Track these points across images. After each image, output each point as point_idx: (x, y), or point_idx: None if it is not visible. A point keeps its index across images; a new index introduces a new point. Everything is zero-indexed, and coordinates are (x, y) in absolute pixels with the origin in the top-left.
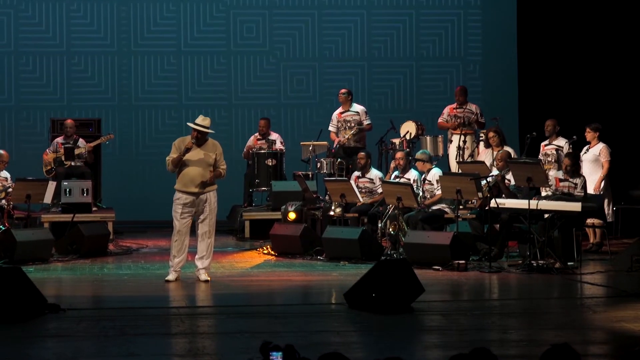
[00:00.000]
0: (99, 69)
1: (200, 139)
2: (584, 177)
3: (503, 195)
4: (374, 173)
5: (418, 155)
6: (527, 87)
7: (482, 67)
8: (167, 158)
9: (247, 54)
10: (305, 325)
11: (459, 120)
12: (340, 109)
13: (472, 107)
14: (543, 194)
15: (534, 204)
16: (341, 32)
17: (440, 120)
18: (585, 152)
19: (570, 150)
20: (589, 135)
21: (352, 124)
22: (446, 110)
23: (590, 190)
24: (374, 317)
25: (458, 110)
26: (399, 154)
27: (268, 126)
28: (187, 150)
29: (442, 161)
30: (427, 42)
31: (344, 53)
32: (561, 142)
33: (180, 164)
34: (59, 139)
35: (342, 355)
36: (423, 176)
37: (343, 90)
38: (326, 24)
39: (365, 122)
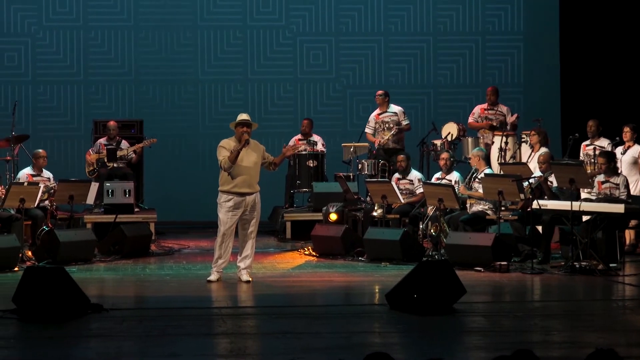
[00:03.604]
0: (144, 70)
1: (249, 134)
2: (624, 176)
3: (545, 197)
4: (414, 174)
5: (476, 151)
6: (570, 87)
7: (524, 68)
8: (220, 159)
9: (264, 29)
10: (347, 326)
11: (490, 122)
12: (377, 110)
13: (504, 108)
14: (583, 196)
15: (576, 205)
16: (387, 27)
17: (470, 119)
18: (623, 153)
19: (606, 150)
20: (627, 135)
21: (390, 125)
22: (477, 110)
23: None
24: (415, 318)
25: (489, 111)
26: (444, 155)
27: (310, 126)
28: (247, 142)
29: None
30: (470, 41)
31: (387, 50)
32: (603, 142)
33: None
34: (102, 140)
35: (388, 356)
36: (474, 174)
37: (380, 92)
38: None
39: (404, 123)
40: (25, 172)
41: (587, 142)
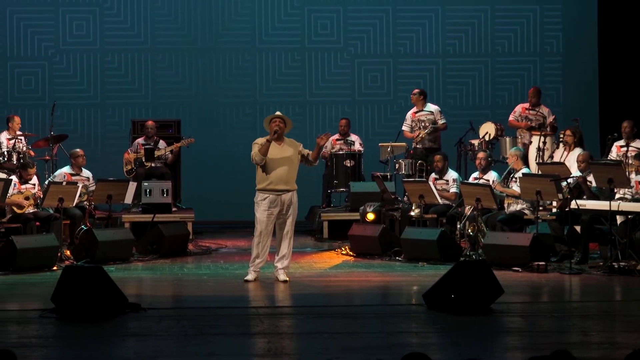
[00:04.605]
0: (182, 66)
1: (281, 128)
2: None
3: (584, 197)
4: (450, 174)
5: (514, 150)
6: (608, 87)
7: (562, 67)
8: (252, 153)
9: (322, 51)
10: (384, 326)
11: (529, 122)
12: (414, 109)
13: (545, 110)
14: (617, 196)
15: (615, 205)
16: (415, 29)
17: (511, 118)
18: None
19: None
20: None
21: (427, 124)
22: (518, 109)
23: None
24: (452, 318)
25: (530, 111)
26: (480, 154)
27: (348, 126)
28: (275, 133)
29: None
30: (502, 38)
31: (419, 50)
32: (639, 144)
33: (263, 164)
34: (140, 140)
35: (426, 356)
36: (512, 174)
37: (415, 91)
38: (400, 20)
39: (440, 122)
40: (63, 171)
41: (621, 142)
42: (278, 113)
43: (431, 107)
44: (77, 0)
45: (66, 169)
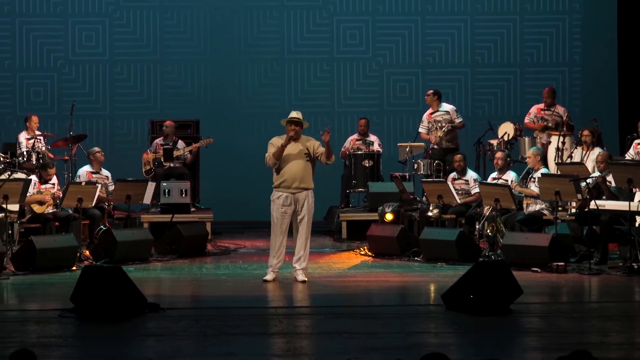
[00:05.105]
0: (194, 75)
1: (297, 133)
2: None
3: (603, 197)
4: (470, 174)
5: (533, 150)
6: (628, 87)
7: (582, 70)
8: (266, 155)
9: (350, 61)
10: (403, 327)
11: (545, 122)
12: (429, 110)
13: (560, 109)
14: (637, 196)
15: (634, 205)
16: (444, 39)
17: (526, 120)
18: None
19: None
20: None
21: (443, 124)
22: (533, 110)
23: None
24: (471, 318)
25: (546, 112)
26: (498, 154)
27: (368, 126)
28: (290, 140)
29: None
30: (531, 48)
31: (447, 60)
32: None
33: (279, 162)
34: (159, 140)
35: (445, 356)
36: (530, 174)
37: (429, 92)
38: (429, 31)
39: (457, 121)
40: (85, 169)
41: None
42: (294, 114)
43: (446, 106)
44: (86, 11)
45: (87, 168)
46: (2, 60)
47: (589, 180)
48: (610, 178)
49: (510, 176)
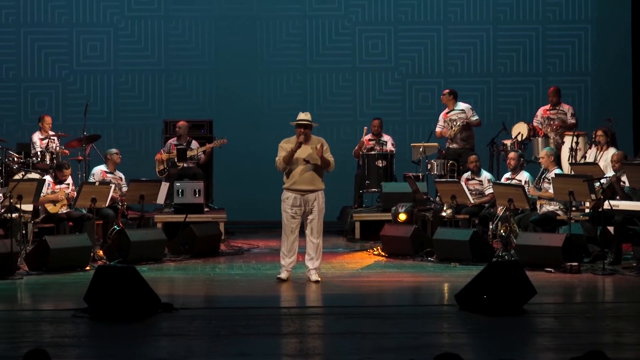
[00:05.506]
0: (199, 84)
1: (307, 135)
2: None
3: (617, 197)
4: (484, 175)
5: (547, 151)
6: None
7: (596, 69)
8: (276, 159)
9: (373, 71)
10: (416, 327)
11: (552, 122)
12: (445, 110)
13: (565, 107)
14: None
15: None
16: (467, 48)
17: (534, 123)
18: None
19: None
20: None
21: (459, 123)
22: (539, 112)
23: None
24: (485, 319)
25: (551, 111)
26: (511, 154)
27: (381, 126)
28: (299, 145)
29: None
30: (553, 57)
31: (470, 69)
32: None
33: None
34: (172, 140)
35: (458, 356)
36: (544, 174)
37: (445, 91)
38: (451, 40)
39: (473, 119)
40: (99, 168)
41: None
42: (302, 116)
43: (462, 105)
44: (91, 21)
45: (102, 167)
46: (7, 70)
47: (602, 181)
48: (624, 178)
49: (524, 176)
